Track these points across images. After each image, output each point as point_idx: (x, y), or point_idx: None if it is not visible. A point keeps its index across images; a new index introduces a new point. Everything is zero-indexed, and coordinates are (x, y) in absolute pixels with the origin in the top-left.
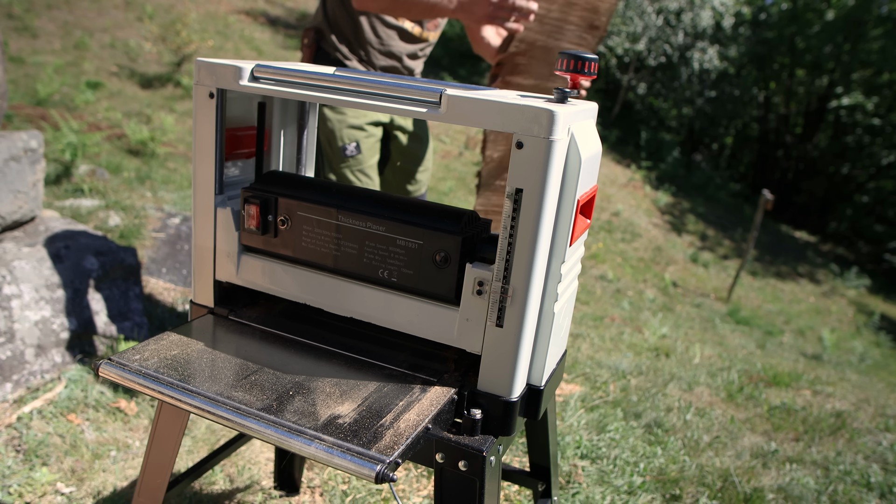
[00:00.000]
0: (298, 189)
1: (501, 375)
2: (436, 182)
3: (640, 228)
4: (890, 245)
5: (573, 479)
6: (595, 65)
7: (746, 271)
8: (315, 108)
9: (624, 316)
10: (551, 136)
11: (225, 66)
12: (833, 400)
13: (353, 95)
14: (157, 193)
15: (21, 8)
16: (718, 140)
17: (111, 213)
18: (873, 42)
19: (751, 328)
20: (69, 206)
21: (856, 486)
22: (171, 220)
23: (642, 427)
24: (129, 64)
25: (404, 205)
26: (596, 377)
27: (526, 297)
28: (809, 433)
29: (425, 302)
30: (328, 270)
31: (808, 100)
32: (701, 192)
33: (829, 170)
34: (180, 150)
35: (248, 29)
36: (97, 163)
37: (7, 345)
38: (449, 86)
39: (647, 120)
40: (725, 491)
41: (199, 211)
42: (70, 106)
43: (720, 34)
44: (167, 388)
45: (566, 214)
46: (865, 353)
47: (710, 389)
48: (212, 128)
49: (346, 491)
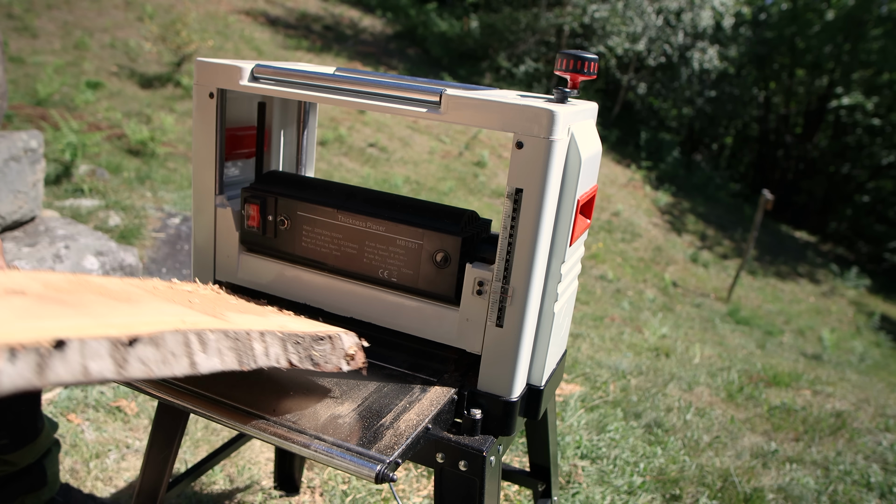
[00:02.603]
0: (298, 189)
1: (501, 375)
2: (436, 182)
3: (640, 228)
4: (890, 245)
5: (573, 479)
6: (595, 65)
7: (746, 271)
8: (315, 108)
9: (624, 316)
10: (551, 136)
11: (225, 66)
12: (833, 400)
13: (353, 95)
14: (157, 193)
15: (21, 8)
16: (718, 140)
17: (111, 213)
18: (873, 42)
19: (751, 328)
20: (69, 206)
21: (856, 486)
22: (171, 220)
23: (642, 427)
24: (129, 64)
25: (404, 205)
26: (596, 377)
27: (526, 297)
28: (809, 433)
29: (425, 302)
30: (328, 270)
31: (808, 100)
32: (701, 192)
33: (829, 170)
34: (180, 150)
35: (248, 29)
36: (97, 163)
37: None
38: (449, 86)
39: (647, 120)
40: (725, 491)
41: (198, 211)
42: (70, 106)
43: (720, 34)
44: (167, 387)
45: (566, 214)
46: (865, 353)
47: (710, 389)
48: (212, 128)
49: (346, 491)
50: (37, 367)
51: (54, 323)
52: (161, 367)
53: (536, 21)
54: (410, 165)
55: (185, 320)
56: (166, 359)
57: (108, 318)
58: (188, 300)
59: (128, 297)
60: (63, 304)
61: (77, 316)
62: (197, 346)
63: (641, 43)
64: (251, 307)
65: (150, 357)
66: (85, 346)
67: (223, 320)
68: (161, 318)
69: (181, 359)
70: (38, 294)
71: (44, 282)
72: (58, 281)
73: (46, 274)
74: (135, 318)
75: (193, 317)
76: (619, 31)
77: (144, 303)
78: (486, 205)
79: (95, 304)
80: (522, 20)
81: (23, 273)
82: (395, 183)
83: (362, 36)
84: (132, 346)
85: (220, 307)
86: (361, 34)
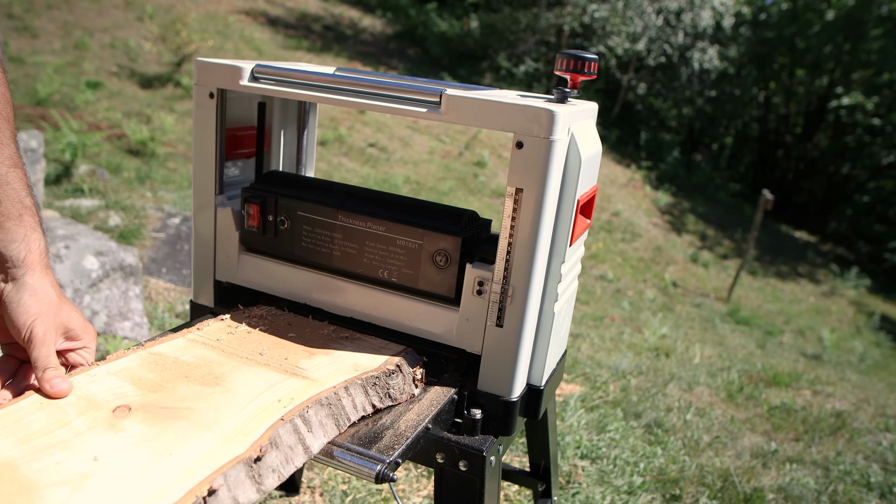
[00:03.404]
0: (298, 189)
1: (501, 375)
2: (436, 182)
3: (640, 228)
4: (890, 245)
5: (573, 479)
6: (595, 65)
7: (746, 271)
8: (315, 108)
9: (624, 316)
10: (551, 136)
11: (225, 66)
12: (833, 400)
13: (353, 95)
14: (157, 193)
15: (21, 8)
16: (718, 140)
17: (111, 213)
18: (873, 42)
19: (751, 328)
20: (69, 206)
21: (856, 486)
22: (171, 220)
23: (642, 427)
24: (129, 64)
25: (404, 205)
26: (596, 377)
27: (526, 297)
28: (809, 433)
29: (425, 302)
30: (328, 270)
31: (808, 100)
32: (701, 192)
33: (829, 170)
34: (180, 150)
35: (248, 29)
36: (97, 163)
37: None
38: (449, 86)
39: (647, 120)
40: (725, 491)
41: (199, 211)
42: (70, 106)
43: (720, 34)
44: None
45: (566, 214)
46: (865, 353)
47: (710, 389)
48: (212, 128)
49: (346, 491)
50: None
51: (186, 453)
52: (286, 466)
53: (536, 21)
54: (410, 165)
55: (281, 398)
56: (287, 456)
57: (220, 424)
58: (258, 353)
59: (213, 376)
60: (171, 415)
61: (192, 427)
62: (304, 429)
63: (641, 43)
64: (311, 339)
65: (276, 462)
66: (228, 479)
67: (308, 380)
68: (259, 403)
69: (296, 448)
70: (141, 405)
71: (132, 380)
72: (141, 373)
73: (123, 362)
74: (239, 413)
75: (283, 388)
76: (619, 31)
77: (230, 380)
78: (486, 205)
79: (195, 400)
80: (522, 20)
81: (105, 370)
82: (395, 183)
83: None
84: (260, 461)
85: (289, 355)
86: (361, 34)
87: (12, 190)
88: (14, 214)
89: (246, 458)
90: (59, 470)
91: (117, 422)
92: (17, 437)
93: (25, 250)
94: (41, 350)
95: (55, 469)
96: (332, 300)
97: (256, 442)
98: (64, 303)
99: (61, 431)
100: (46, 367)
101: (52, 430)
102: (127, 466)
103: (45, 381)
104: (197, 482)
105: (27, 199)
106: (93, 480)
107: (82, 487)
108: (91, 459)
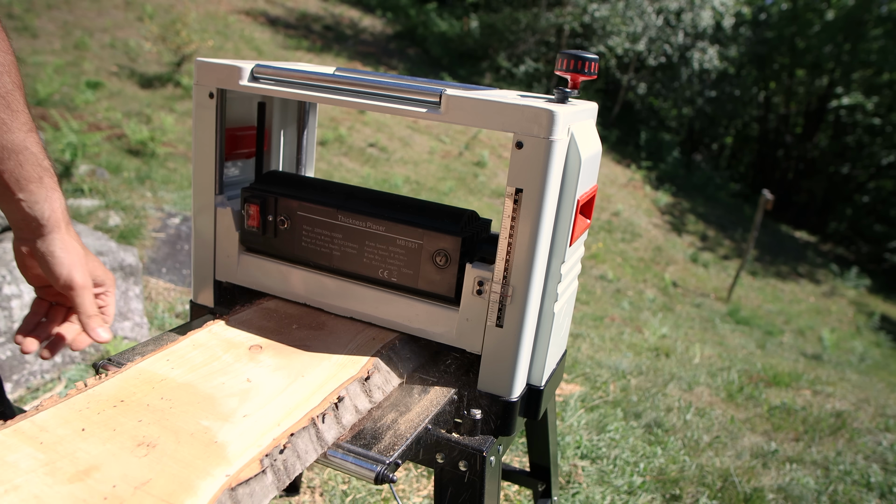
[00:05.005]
0: (298, 189)
1: (501, 375)
2: (436, 182)
3: (640, 228)
4: (890, 245)
5: (573, 479)
6: (595, 65)
7: (746, 271)
8: (315, 108)
9: (624, 316)
10: (551, 136)
11: (225, 66)
12: (833, 400)
13: (353, 95)
14: (157, 193)
15: (21, 8)
16: (718, 140)
17: (111, 213)
18: (873, 42)
19: (751, 328)
20: (69, 206)
21: (856, 486)
22: (171, 220)
23: (642, 427)
24: (129, 64)
25: (404, 205)
26: (596, 377)
27: (526, 297)
28: (809, 433)
29: (425, 302)
30: (328, 270)
31: (808, 100)
32: (701, 192)
33: (829, 170)
34: (180, 150)
35: (248, 29)
36: (97, 163)
37: (7, 345)
38: (449, 86)
39: (647, 120)
40: (725, 491)
41: (198, 211)
42: (70, 106)
43: (720, 34)
44: None
45: (566, 214)
46: (865, 353)
47: (710, 389)
48: (212, 128)
49: (346, 491)
50: None
51: (314, 375)
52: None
53: (536, 21)
54: (410, 165)
55: (375, 337)
56: (386, 378)
57: (333, 355)
58: None
59: (317, 323)
60: (295, 350)
61: (314, 357)
62: (396, 359)
63: (641, 43)
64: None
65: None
66: (349, 392)
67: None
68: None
69: (392, 374)
70: (269, 344)
71: (256, 328)
72: (261, 322)
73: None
74: (344, 348)
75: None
76: (620, 31)
77: (331, 326)
78: (486, 205)
79: (309, 340)
80: (522, 20)
81: (235, 320)
82: (395, 183)
83: (362, 36)
84: (369, 379)
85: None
86: (361, 34)
87: (31, 154)
88: (35, 177)
89: (359, 377)
90: (225, 388)
91: (255, 356)
92: (185, 367)
93: (49, 209)
94: (85, 297)
95: (222, 387)
96: (332, 300)
97: (364, 367)
98: (87, 253)
99: (216, 364)
100: (91, 315)
101: (209, 362)
102: (273, 385)
103: (90, 329)
104: (328, 393)
105: (45, 161)
106: (252, 394)
107: (247, 398)
108: (245, 381)
